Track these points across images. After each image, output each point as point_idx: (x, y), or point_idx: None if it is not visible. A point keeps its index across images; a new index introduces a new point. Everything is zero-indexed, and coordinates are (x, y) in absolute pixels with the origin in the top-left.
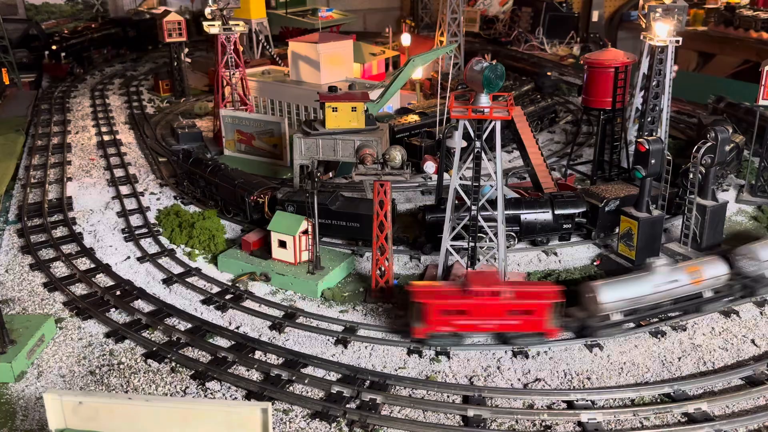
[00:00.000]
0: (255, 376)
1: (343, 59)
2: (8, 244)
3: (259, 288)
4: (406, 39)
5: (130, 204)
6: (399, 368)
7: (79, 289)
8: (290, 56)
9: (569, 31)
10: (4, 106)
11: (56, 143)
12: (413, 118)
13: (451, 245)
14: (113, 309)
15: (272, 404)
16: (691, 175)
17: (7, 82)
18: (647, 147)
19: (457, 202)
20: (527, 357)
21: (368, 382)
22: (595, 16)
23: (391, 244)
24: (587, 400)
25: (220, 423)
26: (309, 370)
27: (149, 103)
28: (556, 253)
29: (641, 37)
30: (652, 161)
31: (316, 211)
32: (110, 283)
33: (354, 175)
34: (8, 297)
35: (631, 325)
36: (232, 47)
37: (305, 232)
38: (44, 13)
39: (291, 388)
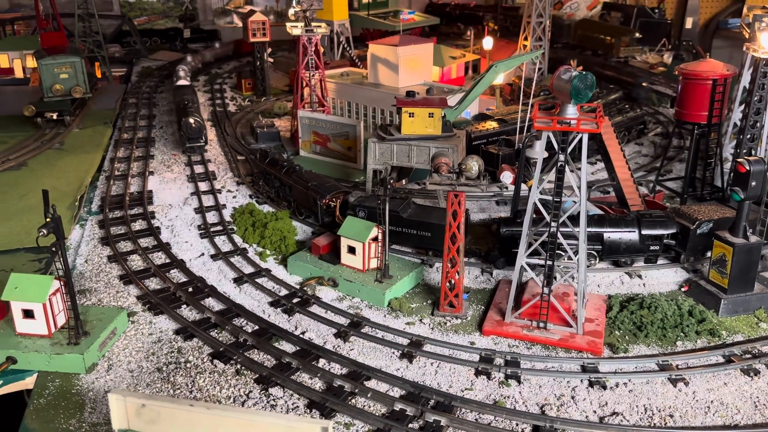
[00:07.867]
0: (318, 385)
1: (422, 62)
2: (89, 234)
3: (326, 293)
4: (487, 43)
5: (208, 201)
6: (466, 389)
7: (153, 283)
8: (369, 58)
9: (661, 38)
10: (95, 99)
11: (141, 137)
12: (491, 124)
13: (526, 261)
14: (184, 306)
15: (333, 417)
16: None
17: (99, 76)
18: (748, 168)
19: (534, 215)
20: (605, 388)
21: (433, 401)
22: (688, 23)
23: (463, 256)
24: None
25: None
26: (372, 384)
27: (231, 101)
28: (640, 276)
29: (743, 48)
30: (753, 183)
31: (387, 219)
32: (183, 279)
33: (428, 183)
34: (86, 287)
35: (721, 360)
36: (314, 48)
37: (375, 239)
38: (137, 10)
39: (353, 401)
